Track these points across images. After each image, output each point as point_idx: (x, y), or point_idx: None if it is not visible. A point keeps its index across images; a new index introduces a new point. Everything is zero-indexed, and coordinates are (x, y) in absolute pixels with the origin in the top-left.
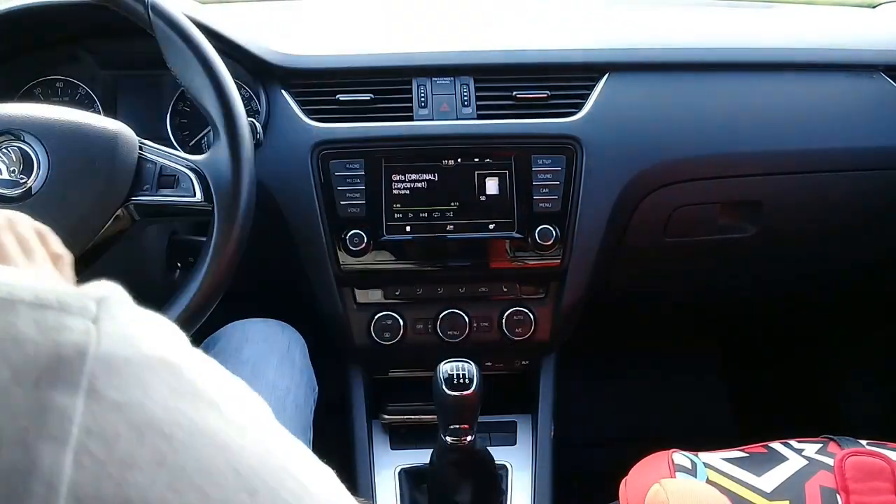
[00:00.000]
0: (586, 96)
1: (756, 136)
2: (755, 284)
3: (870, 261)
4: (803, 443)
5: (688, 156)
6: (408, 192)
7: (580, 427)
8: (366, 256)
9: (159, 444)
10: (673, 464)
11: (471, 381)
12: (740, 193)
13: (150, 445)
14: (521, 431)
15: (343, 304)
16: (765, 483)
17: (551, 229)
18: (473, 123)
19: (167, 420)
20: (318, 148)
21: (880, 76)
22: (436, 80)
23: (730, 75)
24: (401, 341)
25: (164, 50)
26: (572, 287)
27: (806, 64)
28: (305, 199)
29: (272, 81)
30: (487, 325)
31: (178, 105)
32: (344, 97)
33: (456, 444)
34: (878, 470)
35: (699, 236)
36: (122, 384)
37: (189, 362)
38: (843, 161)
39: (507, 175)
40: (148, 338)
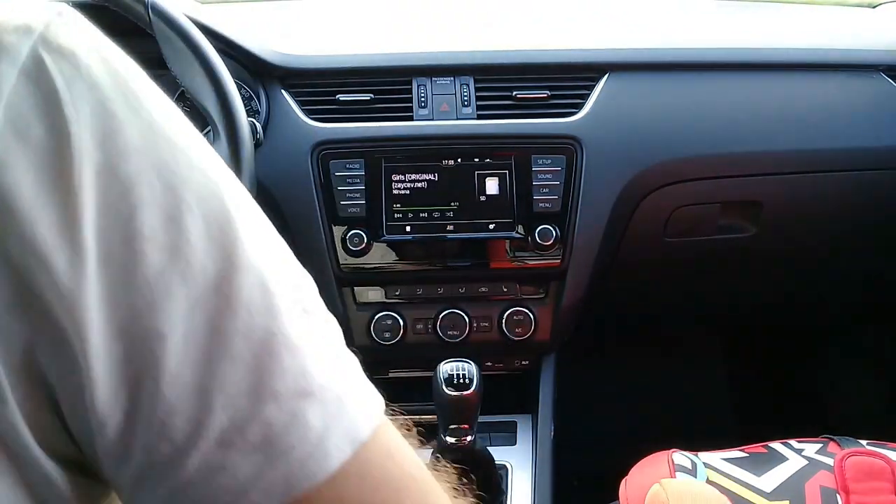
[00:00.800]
0: (586, 96)
1: (756, 136)
2: (755, 284)
3: (870, 260)
4: (803, 443)
5: (688, 156)
6: (408, 191)
7: (580, 427)
8: (366, 256)
9: (99, 106)
10: (673, 464)
11: (471, 381)
12: (740, 193)
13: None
14: (521, 431)
15: (343, 304)
16: (765, 483)
17: (551, 229)
18: (473, 123)
19: (112, 95)
20: (318, 148)
21: (880, 76)
22: (436, 80)
23: (730, 75)
24: (401, 341)
25: (164, 50)
26: (572, 287)
27: (806, 64)
28: (305, 198)
29: (272, 81)
30: (487, 325)
31: (178, 105)
32: (344, 97)
33: (456, 444)
34: (878, 470)
35: (699, 236)
36: (67, 65)
37: (137, 74)
38: (843, 161)
39: (507, 175)
40: (93, 45)
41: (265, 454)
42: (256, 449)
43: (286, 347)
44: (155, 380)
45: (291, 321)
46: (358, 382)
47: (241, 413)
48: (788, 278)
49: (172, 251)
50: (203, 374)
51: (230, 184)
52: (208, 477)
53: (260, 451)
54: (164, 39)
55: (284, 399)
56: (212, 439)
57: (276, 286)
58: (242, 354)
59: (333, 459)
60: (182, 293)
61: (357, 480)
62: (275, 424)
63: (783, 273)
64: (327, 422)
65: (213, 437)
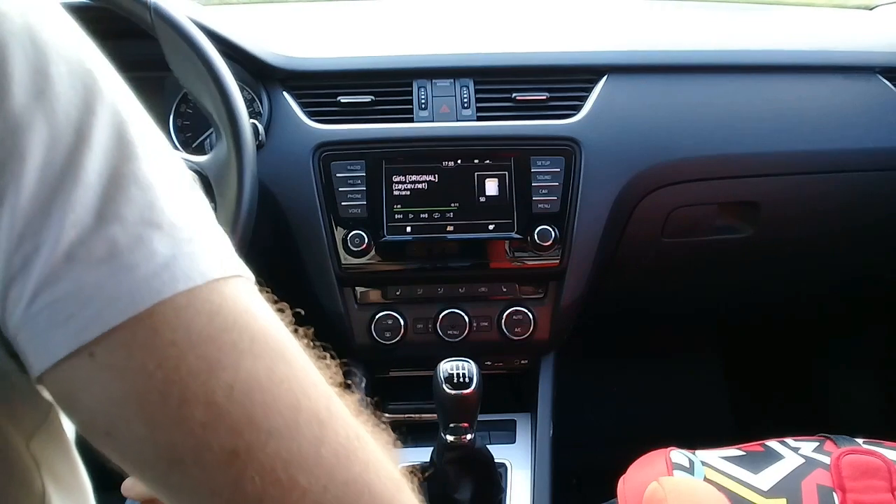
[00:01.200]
0: (585, 98)
1: (754, 138)
2: (753, 284)
3: (867, 261)
4: (800, 441)
5: (686, 157)
6: (408, 192)
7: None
8: (366, 256)
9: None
10: (671, 462)
11: (470, 380)
12: (738, 194)
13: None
14: (521, 430)
15: (344, 304)
16: (762, 481)
17: (550, 230)
18: (473, 125)
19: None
20: (320, 149)
21: (877, 78)
22: (436, 82)
23: (728, 77)
24: (401, 341)
25: (166, 52)
26: (571, 287)
27: (803, 66)
28: (307, 199)
29: (274, 83)
30: (487, 325)
31: (181, 107)
32: (345, 99)
33: (456, 443)
34: (875, 468)
35: (697, 237)
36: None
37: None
38: (840, 162)
39: (507, 176)
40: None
41: (110, 267)
42: (101, 261)
43: (136, 183)
44: (15, 194)
45: (147, 167)
46: (219, 243)
47: (86, 229)
48: (785, 278)
49: (38, 94)
50: (56, 195)
51: (100, 63)
52: (56, 285)
53: (105, 264)
54: (166, 41)
55: (130, 223)
56: (60, 251)
57: (137, 137)
58: (93, 183)
59: (180, 283)
60: (44, 127)
61: (207, 315)
62: (119, 243)
63: (780, 273)
64: (175, 253)
65: (61, 249)
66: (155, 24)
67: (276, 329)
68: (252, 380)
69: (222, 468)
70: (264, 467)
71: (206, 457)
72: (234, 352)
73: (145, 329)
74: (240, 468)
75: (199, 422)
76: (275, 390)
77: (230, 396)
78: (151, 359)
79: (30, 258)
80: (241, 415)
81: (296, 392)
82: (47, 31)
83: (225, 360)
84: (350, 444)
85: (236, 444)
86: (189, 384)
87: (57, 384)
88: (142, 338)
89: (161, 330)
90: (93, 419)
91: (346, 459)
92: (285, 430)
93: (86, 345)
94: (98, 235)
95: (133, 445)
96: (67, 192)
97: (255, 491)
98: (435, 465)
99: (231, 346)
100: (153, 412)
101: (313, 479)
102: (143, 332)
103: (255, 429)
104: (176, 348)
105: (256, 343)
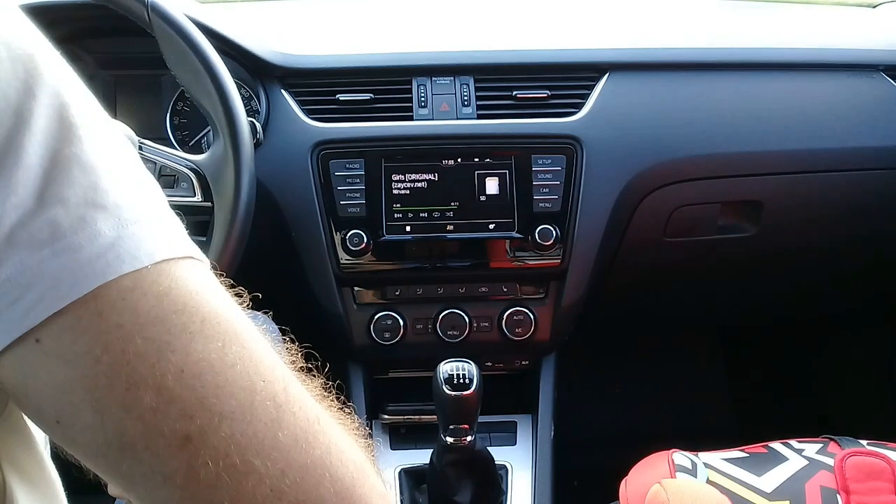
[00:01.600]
0: (586, 96)
1: (756, 136)
2: (755, 284)
3: (871, 260)
4: (803, 443)
5: (688, 155)
6: (408, 191)
7: (580, 427)
8: (366, 256)
9: None
10: (673, 464)
11: (471, 381)
12: (740, 193)
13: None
14: (521, 431)
15: (343, 304)
16: (765, 483)
17: (551, 229)
18: (473, 123)
19: None
20: (318, 147)
21: (880, 76)
22: (436, 80)
23: (730, 75)
24: (401, 341)
25: (164, 50)
26: (572, 287)
27: (806, 64)
28: (305, 198)
29: (272, 81)
30: (487, 325)
31: (178, 105)
32: (344, 97)
33: (456, 444)
34: (879, 470)
35: (699, 236)
36: None
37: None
38: (843, 161)
39: (507, 175)
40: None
41: (52, 249)
42: (43, 244)
43: (78, 165)
44: None
45: (90, 149)
46: (168, 224)
47: (28, 212)
48: (788, 278)
49: None
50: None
51: (42, 44)
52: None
53: (46, 247)
54: (164, 39)
55: (72, 205)
56: (1, 235)
57: (80, 120)
58: (34, 165)
59: (125, 265)
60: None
61: (155, 297)
62: (61, 224)
63: (783, 273)
64: (121, 234)
65: (2, 233)
66: (152, 22)
67: (228, 311)
68: (203, 362)
69: (174, 453)
70: (218, 452)
71: (157, 442)
72: (184, 334)
73: (90, 312)
74: (192, 453)
75: (148, 406)
76: (227, 373)
77: (180, 380)
78: (97, 343)
79: None
80: (193, 398)
81: (250, 374)
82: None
83: (174, 342)
84: (310, 427)
85: (188, 429)
86: (137, 368)
87: (3, 373)
88: (87, 322)
89: (106, 313)
90: (42, 407)
91: (304, 443)
92: (239, 414)
93: (30, 330)
94: (39, 218)
95: (83, 433)
96: (8, 174)
97: (208, 476)
98: (435, 467)
99: (181, 329)
100: (101, 398)
101: (270, 463)
102: (88, 316)
103: (207, 412)
104: (122, 331)
105: (207, 325)
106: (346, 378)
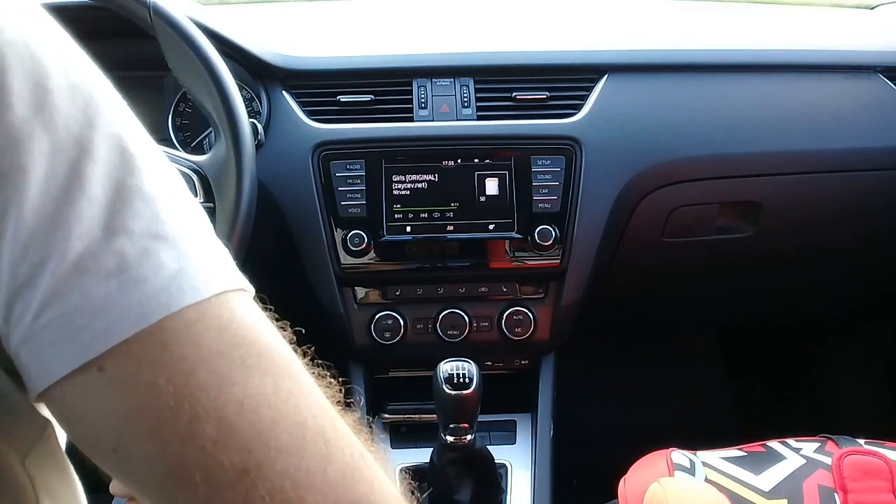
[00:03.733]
0: (585, 97)
1: (754, 137)
2: (753, 284)
3: (868, 261)
4: (801, 442)
5: (686, 156)
6: (408, 192)
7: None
8: (366, 256)
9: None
10: (671, 463)
11: (471, 381)
12: (739, 194)
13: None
14: (521, 430)
15: (343, 304)
16: (763, 482)
17: (551, 229)
18: (473, 124)
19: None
20: (319, 148)
21: (878, 77)
22: (436, 82)
23: (729, 76)
24: (401, 341)
25: (166, 51)
26: (571, 287)
27: (804, 65)
28: (306, 199)
29: (273, 82)
30: (487, 325)
31: (180, 106)
32: (344, 98)
33: (456, 443)
34: (876, 469)
35: (697, 237)
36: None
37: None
38: (841, 162)
39: (507, 176)
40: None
41: (119, 280)
42: (110, 275)
43: (140, 196)
44: (19, 206)
45: (149, 180)
46: (221, 254)
47: (94, 242)
48: (786, 278)
49: (38, 107)
50: (62, 207)
51: (97, 76)
52: (65, 298)
53: (114, 278)
54: (165, 41)
55: (137, 236)
56: (68, 262)
57: (136, 152)
58: (98, 196)
59: (188, 296)
60: (45, 139)
61: (216, 330)
62: (128, 255)
63: (782, 273)
64: (182, 265)
65: (69, 261)
66: (154, 24)
67: (280, 345)
68: (260, 396)
69: (232, 486)
70: (274, 486)
71: (216, 474)
72: (242, 367)
73: (155, 343)
74: (250, 486)
75: (210, 438)
76: (282, 407)
77: (240, 413)
78: (161, 373)
79: (36, 271)
80: (251, 432)
81: (302, 410)
82: (45, 44)
83: (235, 375)
84: (355, 463)
85: (246, 462)
86: (200, 399)
87: (62, 400)
88: (152, 352)
89: (171, 344)
90: (99, 436)
91: (352, 479)
92: (293, 448)
93: (95, 358)
94: (107, 248)
95: (141, 462)
96: (72, 204)
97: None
98: (435, 466)
99: (240, 362)
100: (163, 428)
101: (321, 498)
102: (154, 346)
103: (264, 446)
104: (186, 363)
105: (264, 359)
106: (346, 377)
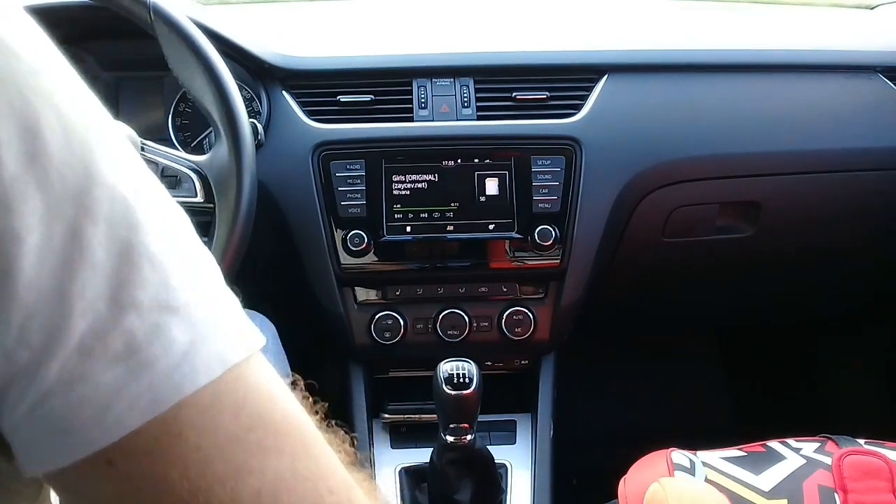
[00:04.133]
0: (585, 97)
1: (754, 137)
2: (753, 284)
3: (868, 261)
4: (801, 442)
5: (686, 156)
6: (408, 192)
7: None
8: (366, 256)
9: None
10: (672, 462)
11: (471, 381)
12: (739, 194)
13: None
14: (521, 430)
15: (343, 304)
16: (763, 482)
17: (551, 229)
18: (473, 124)
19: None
20: (319, 148)
21: (878, 77)
22: (436, 82)
23: (728, 76)
24: (401, 341)
25: (166, 51)
26: (571, 287)
27: (804, 65)
28: (306, 199)
29: (273, 82)
30: (487, 325)
31: (180, 106)
32: (344, 98)
33: (456, 443)
34: (876, 469)
35: (697, 237)
36: None
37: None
38: (841, 162)
39: (507, 176)
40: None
41: (128, 365)
42: (118, 359)
43: (147, 259)
44: (12, 281)
45: (155, 237)
46: (231, 312)
47: (100, 320)
48: (786, 278)
49: (29, 158)
50: (61, 279)
51: (94, 111)
52: (69, 387)
53: (122, 362)
54: (165, 41)
55: (146, 310)
56: (71, 346)
57: (139, 203)
58: (102, 263)
59: (201, 375)
60: (38, 197)
61: (232, 413)
62: (137, 334)
63: (782, 273)
64: (193, 338)
65: (72, 344)
66: (154, 24)
67: (295, 416)
68: (279, 480)
69: None
70: None
71: None
72: (259, 452)
73: (169, 433)
74: None
75: None
76: (300, 489)
77: (258, 501)
78: (175, 467)
79: (36, 357)
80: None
81: (319, 487)
82: (34, 73)
83: (251, 462)
84: None
85: None
86: (216, 492)
87: (64, 483)
88: (165, 443)
89: (185, 433)
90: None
91: None
92: None
93: (102, 450)
94: (114, 327)
95: None
96: (73, 275)
97: None
98: (435, 466)
99: (257, 446)
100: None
101: None
102: (167, 437)
103: None
104: (201, 453)
105: (280, 437)
106: (346, 378)
